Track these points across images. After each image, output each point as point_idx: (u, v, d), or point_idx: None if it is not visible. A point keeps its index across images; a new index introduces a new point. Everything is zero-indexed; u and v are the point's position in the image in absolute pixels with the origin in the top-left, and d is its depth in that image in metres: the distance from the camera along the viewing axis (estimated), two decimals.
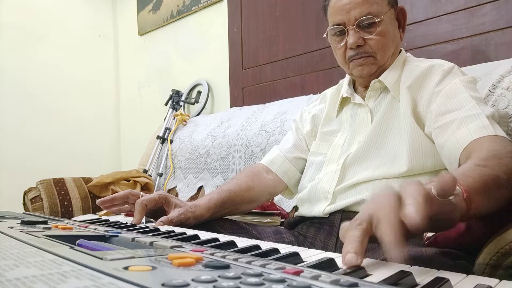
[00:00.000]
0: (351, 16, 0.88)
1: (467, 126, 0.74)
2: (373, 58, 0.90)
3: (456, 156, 0.74)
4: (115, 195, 0.88)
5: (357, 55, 0.90)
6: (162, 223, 0.77)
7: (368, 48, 0.89)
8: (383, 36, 0.89)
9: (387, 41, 0.90)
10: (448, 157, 0.77)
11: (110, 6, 3.14)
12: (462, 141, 0.73)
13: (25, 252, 0.37)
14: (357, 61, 0.91)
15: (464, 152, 0.72)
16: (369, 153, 0.88)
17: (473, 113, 0.76)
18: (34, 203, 1.74)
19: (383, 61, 0.91)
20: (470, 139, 0.72)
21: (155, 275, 0.30)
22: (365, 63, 0.91)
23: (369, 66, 0.91)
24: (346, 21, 0.89)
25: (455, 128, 0.76)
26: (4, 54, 2.58)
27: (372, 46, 0.89)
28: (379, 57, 0.90)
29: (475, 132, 0.72)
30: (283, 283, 0.29)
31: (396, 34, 0.93)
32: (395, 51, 0.94)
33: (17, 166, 2.57)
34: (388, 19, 0.90)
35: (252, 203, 1.02)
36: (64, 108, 2.82)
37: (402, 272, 0.35)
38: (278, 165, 1.06)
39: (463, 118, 0.76)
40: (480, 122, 0.73)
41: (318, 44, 1.85)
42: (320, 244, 0.88)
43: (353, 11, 0.88)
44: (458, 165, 0.74)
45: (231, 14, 2.25)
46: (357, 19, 0.88)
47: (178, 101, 2.39)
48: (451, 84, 0.83)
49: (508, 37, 1.31)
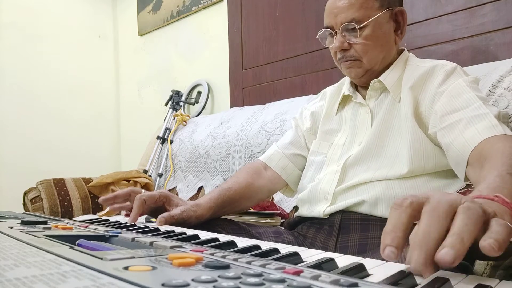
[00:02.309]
0: (338, 20, 0.89)
1: (475, 126, 0.73)
2: (359, 61, 0.90)
3: (465, 156, 0.72)
4: (117, 193, 0.88)
5: (343, 58, 0.92)
6: (164, 219, 0.76)
7: (353, 52, 0.90)
8: (369, 40, 0.88)
9: (374, 45, 0.89)
10: (455, 157, 0.76)
11: (110, 6, 3.14)
12: (471, 141, 0.71)
13: (25, 252, 0.37)
14: (344, 63, 0.92)
15: (473, 152, 0.70)
16: (370, 154, 0.88)
17: (481, 112, 0.74)
18: (34, 203, 1.74)
19: (370, 65, 0.91)
20: (480, 139, 0.70)
21: (155, 275, 0.30)
22: (351, 66, 0.92)
23: (355, 69, 0.92)
24: (334, 25, 0.90)
25: (463, 127, 0.74)
26: (4, 54, 2.58)
27: (357, 50, 0.89)
28: (365, 61, 0.90)
29: (484, 131, 0.71)
30: (283, 283, 0.29)
31: (389, 37, 0.91)
32: (388, 53, 0.92)
33: (17, 166, 2.57)
34: (377, 23, 0.88)
35: (252, 199, 1.02)
36: (64, 108, 2.82)
37: (402, 272, 0.35)
38: (275, 161, 1.06)
39: (471, 118, 0.75)
40: (489, 122, 0.72)
41: (318, 44, 1.84)
42: (320, 244, 0.88)
43: (339, 16, 0.88)
44: (466, 165, 0.73)
45: (231, 14, 2.25)
46: (342, 23, 0.88)
47: (178, 101, 2.39)
48: (455, 84, 0.82)
49: (508, 37, 1.31)
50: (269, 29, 2.07)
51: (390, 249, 0.35)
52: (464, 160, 0.73)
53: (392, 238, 0.36)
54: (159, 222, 0.76)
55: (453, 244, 0.33)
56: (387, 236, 0.36)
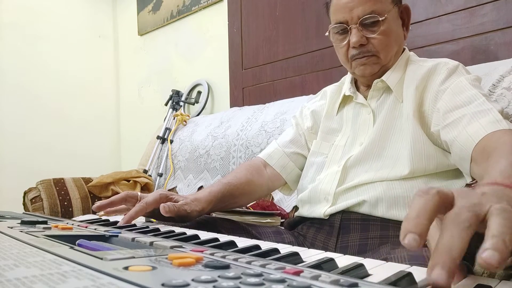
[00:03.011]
0: (354, 14, 0.87)
1: (479, 121, 0.72)
2: (376, 57, 0.89)
3: (469, 151, 0.71)
4: (112, 199, 0.85)
5: (359, 54, 0.89)
6: (167, 206, 0.75)
7: (371, 47, 0.88)
8: (387, 35, 0.87)
9: (391, 40, 0.89)
10: (458, 153, 0.75)
11: (110, 6, 3.14)
12: (475, 135, 0.70)
13: (25, 252, 0.37)
14: (359, 60, 0.90)
15: (477, 147, 0.69)
16: (371, 155, 0.88)
17: (484, 108, 0.74)
18: (34, 203, 1.74)
19: (386, 61, 0.90)
20: (484, 134, 0.69)
21: (155, 275, 0.30)
22: (367, 63, 0.90)
23: (371, 66, 0.90)
24: (349, 20, 0.88)
25: (466, 123, 0.74)
26: (4, 54, 2.58)
27: (375, 45, 0.88)
28: (382, 57, 0.89)
29: (488, 126, 0.70)
30: (283, 283, 0.29)
31: (399, 33, 0.92)
32: (399, 50, 0.93)
33: (17, 166, 2.57)
34: (391, 18, 0.88)
35: (251, 196, 1.01)
36: (64, 108, 2.82)
37: (402, 272, 0.35)
38: (276, 159, 1.05)
39: (474, 113, 0.74)
40: (493, 117, 0.71)
41: (318, 44, 1.85)
42: (320, 244, 0.88)
43: (356, 9, 0.86)
44: (470, 161, 0.71)
45: (231, 14, 2.25)
46: (360, 17, 0.86)
47: (178, 101, 2.39)
48: (457, 81, 0.82)
49: (508, 37, 1.31)
50: (269, 29, 2.07)
51: (413, 236, 0.31)
52: (468, 155, 0.72)
53: (416, 224, 0.32)
54: (162, 208, 0.75)
55: (496, 247, 0.30)
56: (411, 222, 0.32)
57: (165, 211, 0.75)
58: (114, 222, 0.75)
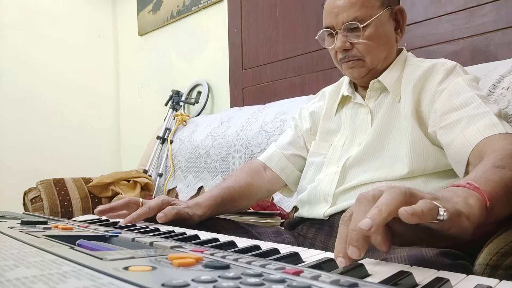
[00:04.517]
0: (339, 20, 0.88)
1: (476, 124, 0.72)
2: (362, 61, 0.90)
3: (465, 155, 0.72)
4: (114, 204, 0.85)
5: (345, 58, 0.91)
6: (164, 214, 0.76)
7: (356, 52, 0.89)
8: (372, 40, 0.88)
9: (377, 45, 0.89)
10: (455, 156, 0.75)
11: (110, 6, 3.14)
12: (471, 139, 0.71)
13: (25, 252, 0.37)
14: (346, 64, 0.91)
15: (474, 151, 0.70)
16: (369, 155, 0.88)
17: (481, 111, 0.74)
18: (34, 203, 1.74)
19: (373, 65, 0.91)
20: (480, 138, 0.70)
21: (155, 275, 0.30)
22: (354, 66, 0.91)
23: (358, 69, 0.91)
24: (335, 25, 0.89)
25: (463, 126, 0.74)
26: (4, 54, 2.58)
27: (360, 50, 0.89)
28: (368, 61, 0.90)
29: (484, 130, 0.70)
30: (283, 283, 0.29)
31: (390, 36, 0.91)
32: (390, 52, 0.92)
33: (17, 166, 2.57)
34: (379, 22, 0.88)
35: (251, 199, 1.01)
36: (64, 108, 2.82)
37: (402, 272, 0.35)
38: (275, 161, 1.05)
39: (471, 116, 0.74)
40: (489, 120, 0.72)
41: (318, 44, 1.83)
42: (320, 244, 0.88)
43: (340, 15, 0.87)
44: (466, 165, 0.72)
45: (231, 14, 2.25)
46: (344, 23, 0.87)
47: (178, 101, 2.39)
48: (454, 82, 0.82)
49: (508, 37, 1.31)
50: (269, 29, 2.07)
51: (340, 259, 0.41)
52: (464, 159, 0.72)
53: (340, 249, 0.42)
54: (159, 219, 0.75)
55: (371, 215, 0.39)
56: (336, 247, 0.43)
57: (161, 220, 0.75)
58: (114, 222, 0.75)
